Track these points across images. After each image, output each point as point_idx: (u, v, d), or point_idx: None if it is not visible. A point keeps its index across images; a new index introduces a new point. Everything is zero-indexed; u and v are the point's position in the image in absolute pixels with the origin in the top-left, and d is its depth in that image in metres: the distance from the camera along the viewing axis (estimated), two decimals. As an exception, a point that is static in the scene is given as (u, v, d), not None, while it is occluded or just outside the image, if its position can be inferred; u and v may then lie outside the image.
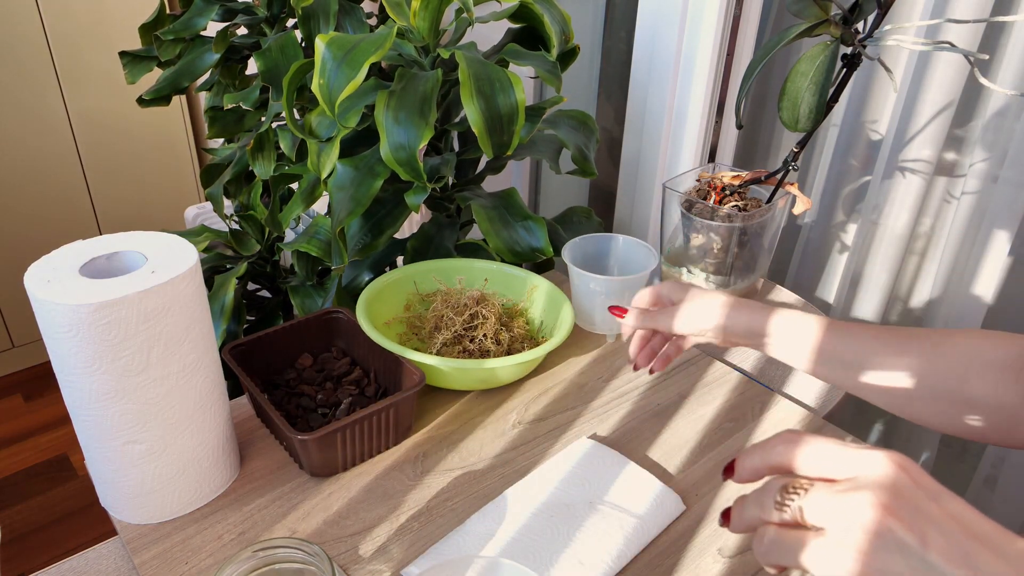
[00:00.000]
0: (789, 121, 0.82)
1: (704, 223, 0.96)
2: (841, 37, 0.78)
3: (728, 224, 0.94)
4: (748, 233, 0.97)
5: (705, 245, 0.98)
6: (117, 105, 2.03)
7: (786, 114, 0.82)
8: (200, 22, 1.10)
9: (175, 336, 0.60)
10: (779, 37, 0.81)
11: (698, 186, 1.02)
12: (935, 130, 1.03)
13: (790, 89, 0.80)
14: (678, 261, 1.03)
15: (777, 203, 0.97)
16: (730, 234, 0.95)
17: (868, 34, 0.77)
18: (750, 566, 0.63)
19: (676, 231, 1.03)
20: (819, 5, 0.77)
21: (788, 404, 0.83)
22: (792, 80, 0.80)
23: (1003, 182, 0.97)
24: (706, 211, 0.96)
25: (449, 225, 1.03)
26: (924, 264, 1.16)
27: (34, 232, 2.02)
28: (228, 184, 1.13)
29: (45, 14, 1.85)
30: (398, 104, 0.81)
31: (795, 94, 0.80)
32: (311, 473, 0.71)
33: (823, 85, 0.79)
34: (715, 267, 0.99)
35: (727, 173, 1.00)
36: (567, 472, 0.71)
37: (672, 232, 1.05)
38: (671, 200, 1.00)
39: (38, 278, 0.58)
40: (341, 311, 0.84)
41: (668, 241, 1.05)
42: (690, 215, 0.97)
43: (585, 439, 0.75)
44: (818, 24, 0.78)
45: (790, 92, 0.80)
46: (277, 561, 0.52)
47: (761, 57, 0.82)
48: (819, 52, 0.78)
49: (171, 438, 0.63)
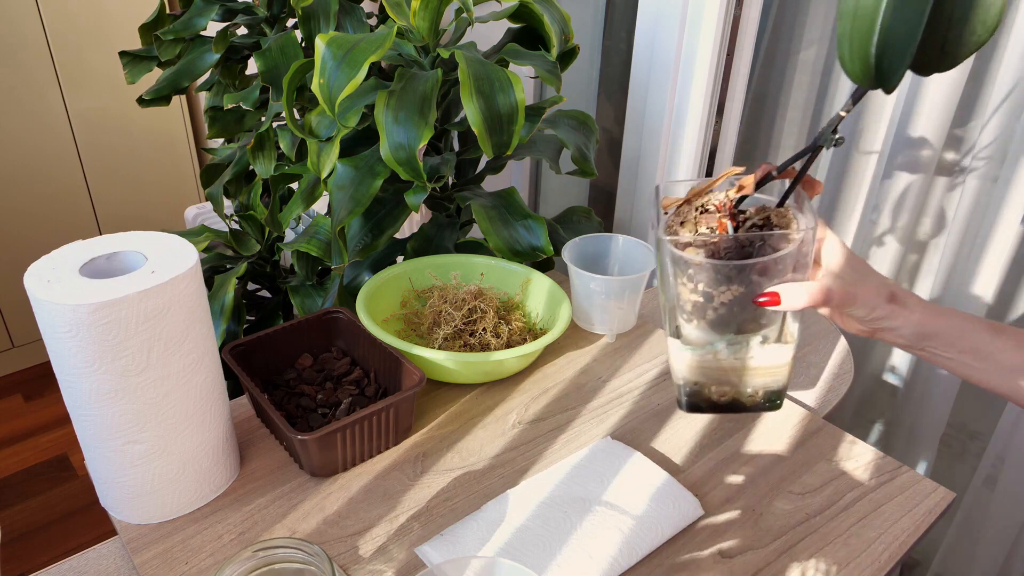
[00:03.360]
0: (859, 62, 0.45)
1: (718, 266, 0.57)
2: None
3: (758, 258, 0.56)
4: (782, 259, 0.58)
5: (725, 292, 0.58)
6: (117, 105, 2.03)
7: (854, 48, 0.44)
8: (200, 22, 1.10)
9: (175, 336, 0.60)
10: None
11: (690, 213, 0.63)
12: (935, 130, 1.03)
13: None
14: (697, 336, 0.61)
15: (808, 211, 0.59)
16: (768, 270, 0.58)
17: None
18: (751, 566, 0.63)
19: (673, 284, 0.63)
20: None
21: (788, 404, 0.83)
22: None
23: (1003, 182, 0.97)
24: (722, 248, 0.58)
25: (449, 225, 1.03)
26: (924, 264, 1.16)
27: (34, 232, 2.02)
28: (228, 184, 1.13)
29: (45, 14, 1.85)
30: (398, 104, 0.81)
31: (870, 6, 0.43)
32: (311, 473, 0.71)
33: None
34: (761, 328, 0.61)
35: (716, 187, 0.63)
36: (585, 467, 0.71)
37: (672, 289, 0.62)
38: (663, 253, 0.59)
39: (38, 278, 0.58)
40: (341, 311, 0.84)
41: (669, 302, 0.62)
42: (690, 262, 0.57)
43: (608, 439, 0.75)
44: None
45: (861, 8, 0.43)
46: (277, 561, 0.52)
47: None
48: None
49: (171, 438, 0.63)
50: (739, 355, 0.60)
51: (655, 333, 0.95)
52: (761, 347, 0.60)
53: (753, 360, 0.60)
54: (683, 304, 0.58)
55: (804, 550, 0.65)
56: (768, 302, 0.55)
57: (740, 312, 0.57)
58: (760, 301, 0.55)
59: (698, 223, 0.59)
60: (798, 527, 0.67)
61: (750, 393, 0.61)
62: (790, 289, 0.54)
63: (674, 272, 0.57)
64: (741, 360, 0.60)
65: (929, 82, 1.01)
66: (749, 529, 0.66)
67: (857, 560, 0.64)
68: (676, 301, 0.59)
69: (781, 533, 0.66)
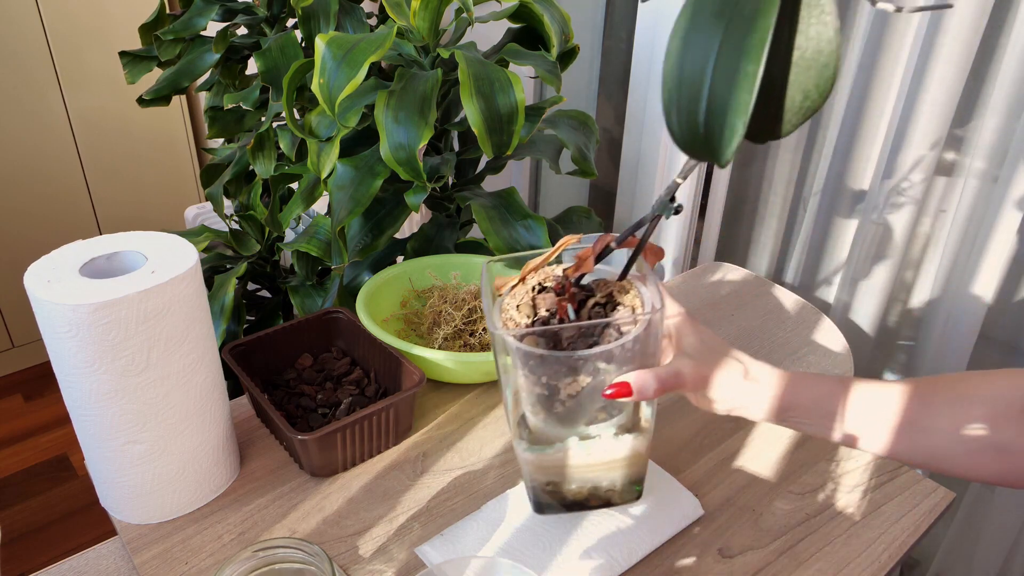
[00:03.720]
0: (688, 133, 0.40)
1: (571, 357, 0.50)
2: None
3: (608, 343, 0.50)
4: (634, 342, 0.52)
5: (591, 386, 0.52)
6: (117, 105, 2.03)
7: (682, 119, 0.39)
8: (200, 22, 1.10)
9: (175, 336, 0.60)
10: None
11: (526, 295, 0.55)
12: (935, 130, 1.03)
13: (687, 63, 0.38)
14: (548, 436, 0.56)
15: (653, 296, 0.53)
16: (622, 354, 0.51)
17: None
18: (750, 566, 0.63)
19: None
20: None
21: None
22: (683, 39, 0.39)
23: (1003, 182, 0.97)
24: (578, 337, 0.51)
25: (449, 225, 1.03)
26: (924, 264, 1.16)
27: (34, 232, 2.02)
28: (228, 184, 1.13)
29: (45, 14, 1.85)
30: (398, 104, 0.81)
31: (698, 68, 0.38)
32: (311, 473, 0.71)
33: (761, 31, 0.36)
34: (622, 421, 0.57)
35: (546, 260, 0.55)
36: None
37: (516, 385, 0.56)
38: (498, 345, 0.52)
39: (38, 278, 0.58)
40: (341, 311, 0.84)
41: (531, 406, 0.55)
42: (537, 358, 0.50)
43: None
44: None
45: (687, 69, 0.38)
46: (277, 561, 0.52)
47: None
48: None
49: (171, 438, 0.63)
50: (593, 450, 0.55)
51: (655, 333, 0.95)
52: (616, 439, 0.55)
53: (608, 453, 0.56)
54: (528, 399, 0.53)
55: (804, 550, 0.65)
56: (618, 393, 0.50)
57: (590, 403, 0.52)
58: (609, 394, 0.50)
59: (536, 305, 0.53)
60: (798, 527, 0.67)
61: (607, 487, 0.58)
62: (640, 378, 0.50)
63: (514, 365, 0.51)
64: (596, 455, 0.56)
65: (929, 82, 1.01)
66: (749, 529, 0.66)
67: (857, 560, 0.64)
68: (519, 397, 0.54)
69: (781, 533, 0.66)
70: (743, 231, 1.40)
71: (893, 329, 1.22)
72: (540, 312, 0.52)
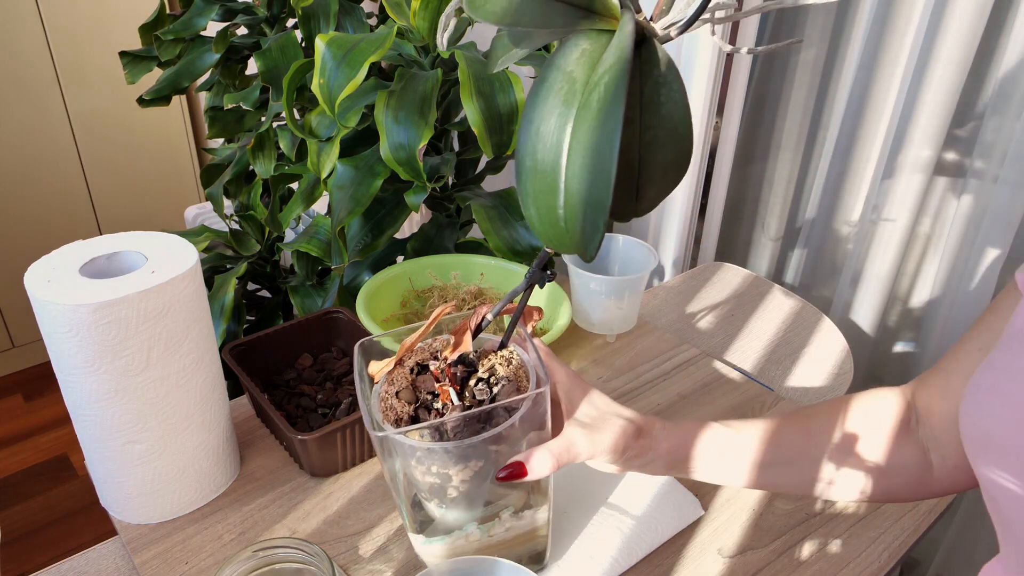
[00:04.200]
0: (548, 226, 0.38)
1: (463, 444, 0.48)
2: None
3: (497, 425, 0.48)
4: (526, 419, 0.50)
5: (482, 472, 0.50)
6: (117, 105, 2.03)
7: (541, 211, 0.37)
8: (200, 22, 1.10)
9: (175, 336, 0.60)
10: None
11: (404, 378, 0.51)
12: (935, 130, 1.03)
13: (539, 151, 0.36)
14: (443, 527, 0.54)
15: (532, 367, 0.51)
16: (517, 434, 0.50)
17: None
18: (750, 566, 0.63)
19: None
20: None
21: (788, 404, 0.83)
22: (536, 131, 0.36)
23: (1003, 182, 0.97)
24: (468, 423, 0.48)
25: (449, 225, 1.03)
26: (924, 264, 1.16)
27: (34, 232, 2.02)
28: (228, 184, 1.13)
29: (45, 14, 1.85)
30: (398, 104, 0.81)
31: (554, 156, 0.36)
32: (311, 473, 0.71)
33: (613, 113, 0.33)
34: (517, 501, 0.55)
35: (423, 335, 0.52)
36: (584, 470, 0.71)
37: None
38: (380, 442, 0.49)
39: (38, 278, 0.58)
40: (341, 311, 0.84)
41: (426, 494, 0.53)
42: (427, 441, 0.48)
43: None
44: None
45: (542, 156, 0.36)
46: (277, 561, 0.52)
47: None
48: (592, 47, 0.36)
49: (171, 438, 0.63)
50: (493, 531, 0.54)
51: (655, 333, 0.95)
52: (516, 516, 0.54)
53: (510, 531, 0.54)
54: (420, 487, 0.51)
55: (804, 550, 0.65)
56: (511, 475, 0.48)
57: (484, 485, 0.50)
58: (502, 477, 0.48)
59: (417, 388, 0.50)
60: (798, 527, 0.67)
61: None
62: (534, 457, 0.48)
63: (402, 458, 0.49)
64: (496, 536, 0.54)
65: (929, 82, 1.01)
66: (749, 529, 0.66)
67: (857, 560, 0.64)
68: (410, 488, 0.52)
69: (781, 533, 0.66)
70: (743, 231, 1.40)
71: (893, 329, 1.22)
72: (422, 396, 0.50)
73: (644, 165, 0.39)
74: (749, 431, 0.55)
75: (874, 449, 0.53)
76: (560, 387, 0.52)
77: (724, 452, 0.54)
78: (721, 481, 0.56)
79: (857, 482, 0.53)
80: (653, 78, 0.37)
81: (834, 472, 0.53)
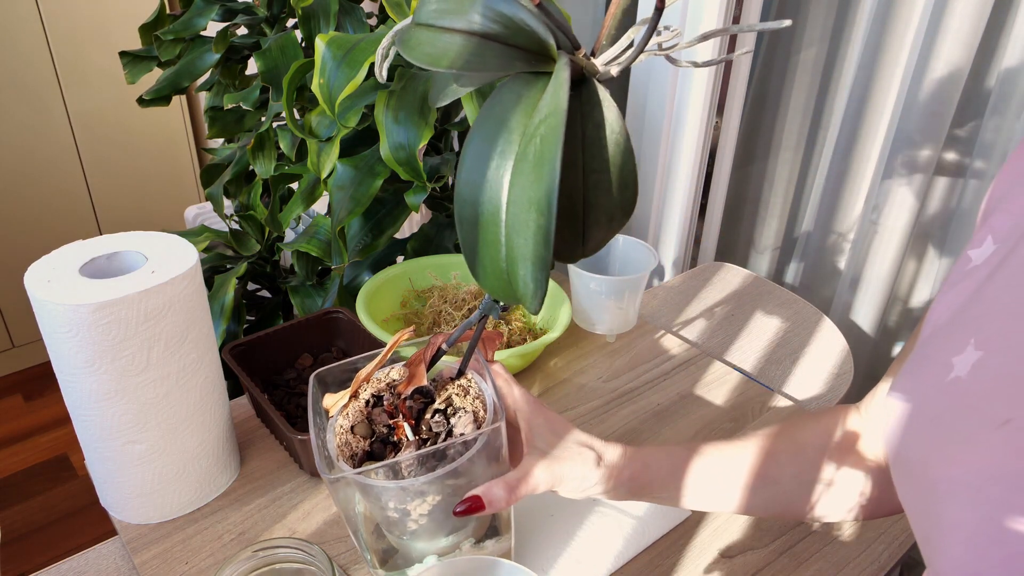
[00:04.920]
0: (492, 278, 0.37)
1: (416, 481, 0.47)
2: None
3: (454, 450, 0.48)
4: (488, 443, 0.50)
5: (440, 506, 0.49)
6: (117, 105, 2.03)
7: (485, 263, 0.37)
8: (200, 22, 1.10)
9: (175, 336, 0.60)
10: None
11: (359, 413, 0.51)
12: (935, 130, 1.03)
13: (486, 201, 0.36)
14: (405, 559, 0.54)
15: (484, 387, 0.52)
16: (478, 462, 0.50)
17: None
18: (750, 566, 0.63)
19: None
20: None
21: (788, 404, 0.83)
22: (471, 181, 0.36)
23: (1003, 182, 0.97)
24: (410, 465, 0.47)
25: (449, 225, 1.03)
26: (924, 264, 1.16)
27: (34, 232, 2.02)
28: (228, 184, 1.13)
29: (45, 14, 1.85)
30: (398, 104, 0.81)
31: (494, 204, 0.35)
32: (311, 473, 0.71)
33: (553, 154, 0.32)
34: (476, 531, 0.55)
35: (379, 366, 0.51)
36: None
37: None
38: (332, 482, 0.49)
39: (38, 278, 0.57)
40: (341, 311, 0.84)
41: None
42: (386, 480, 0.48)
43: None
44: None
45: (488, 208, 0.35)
46: (277, 561, 0.52)
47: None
48: (528, 92, 0.36)
49: (171, 438, 0.63)
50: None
51: (655, 333, 0.95)
52: (477, 547, 0.53)
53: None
54: (379, 521, 0.51)
55: (804, 550, 0.65)
56: (469, 510, 0.47)
57: (445, 518, 0.49)
58: (460, 511, 0.47)
59: (374, 422, 0.49)
60: (798, 527, 0.67)
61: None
62: (492, 491, 0.47)
63: (359, 496, 0.49)
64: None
65: (929, 82, 1.01)
66: (749, 529, 0.66)
67: (857, 560, 0.64)
68: (368, 522, 0.51)
69: (781, 533, 0.66)
70: (743, 231, 1.40)
71: (893, 329, 1.22)
72: (378, 429, 0.49)
73: (589, 208, 0.38)
74: (714, 455, 0.54)
75: (855, 466, 0.52)
76: (520, 414, 0.51)
77: (687, 478, 0.53)
78: (687, 506, 0.54)
79: (842, 501, 0.52)
80: (594, 120, 0.36)
81: (818, 492, 0.52)
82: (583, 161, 0.36)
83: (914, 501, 0.41)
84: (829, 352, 0.96)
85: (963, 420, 0.38)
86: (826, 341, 0.98)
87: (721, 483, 0.54)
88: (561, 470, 0.50)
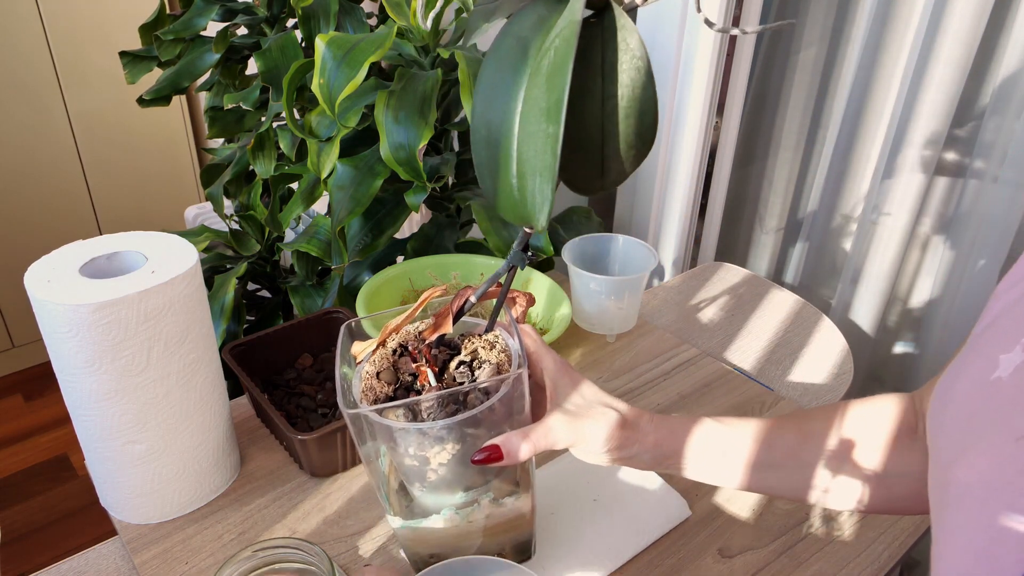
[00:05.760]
0: (505, 197, 0.39)
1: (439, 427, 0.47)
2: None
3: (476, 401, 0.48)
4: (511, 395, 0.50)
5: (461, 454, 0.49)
6: (117, 105, 2.03)
7: (499, 183, 0.39)
8: (200, 22, 1.10)
9: (175, 336, 0.60)
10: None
11: (386, 359, 0.51)
12: (935, 130, 1.03)
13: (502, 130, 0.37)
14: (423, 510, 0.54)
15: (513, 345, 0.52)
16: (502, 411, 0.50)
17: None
18: (750, 566, 0.63)
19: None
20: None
21: (788, 404, 0.83)
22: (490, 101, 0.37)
23: (1003, 182, 0.97)
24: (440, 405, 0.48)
25: (449, 225, 1.03)
26: (924, 264, 1.16)
27: (34, 232, 2.02)
28: (228, 184, 1.13)
29: (45, 14, 1.85)
30: (398, 104, 0.81)
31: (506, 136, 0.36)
32: (311, 473, 0.71)
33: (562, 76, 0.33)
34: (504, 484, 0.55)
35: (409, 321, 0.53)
36: (572, 469, 0.71)
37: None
38: (357, 420, 0.49)
39: (38, 278, 0.57)
40: (341, 311, 0.84)
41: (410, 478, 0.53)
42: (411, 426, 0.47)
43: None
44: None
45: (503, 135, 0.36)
46: (277, 561, 0.52)
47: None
48: (548, 13, 0.36)
49: (171, 438, 0.63)
50: (473, 517, 0.52)
51: (655, 333, 0.95)
52: (497, 503, 0.53)
53: (490, 519, 0.53)
54: (398, 469, 0.51)
55: (804, 550, 0.65)
56: (487, 459, 0.47)
57: (464, 468, 0.49)
58: (478, 460, 0.47)
59: (399, 370, 0.50)
60: (798, 527, 0.67)
61: (496, 552, 0.55)
62: (510, 440, 0.47)
63: (378, 438, 0.49)
64: (477, 522, 0.53)
65: (929, 82, 1.01)
66: (749, 529, 0.66)
67: (857, 560, 0.64)
68: (388, 470, 0.51)
69: (781, 533, 0.66)
70: (743, 231, 1.40)
71: (893, 329, 1.22)
72: (403, 378, 0.49)
73: (608, 137, 0.38)
74: (742, 429, 0.53)
75: (871, 455, 0.51)
76: (547, 373, 0.51)
77: (714, 449, 0.52)
78: (711, 480, 0.54)
79: (854, 490, 0.51)
80: (614, 45, 0.36)
81: (829, 479, 0.52)
82: (602, 87, 0.37)
83: (933, 500, 0.40)
84: (829, 352, 0.96)
85: (991, 425, 0.36)
86: (826, 341, 0.98)
87: (751, 462, 0.52)
88: (583, 427, 0.49)
